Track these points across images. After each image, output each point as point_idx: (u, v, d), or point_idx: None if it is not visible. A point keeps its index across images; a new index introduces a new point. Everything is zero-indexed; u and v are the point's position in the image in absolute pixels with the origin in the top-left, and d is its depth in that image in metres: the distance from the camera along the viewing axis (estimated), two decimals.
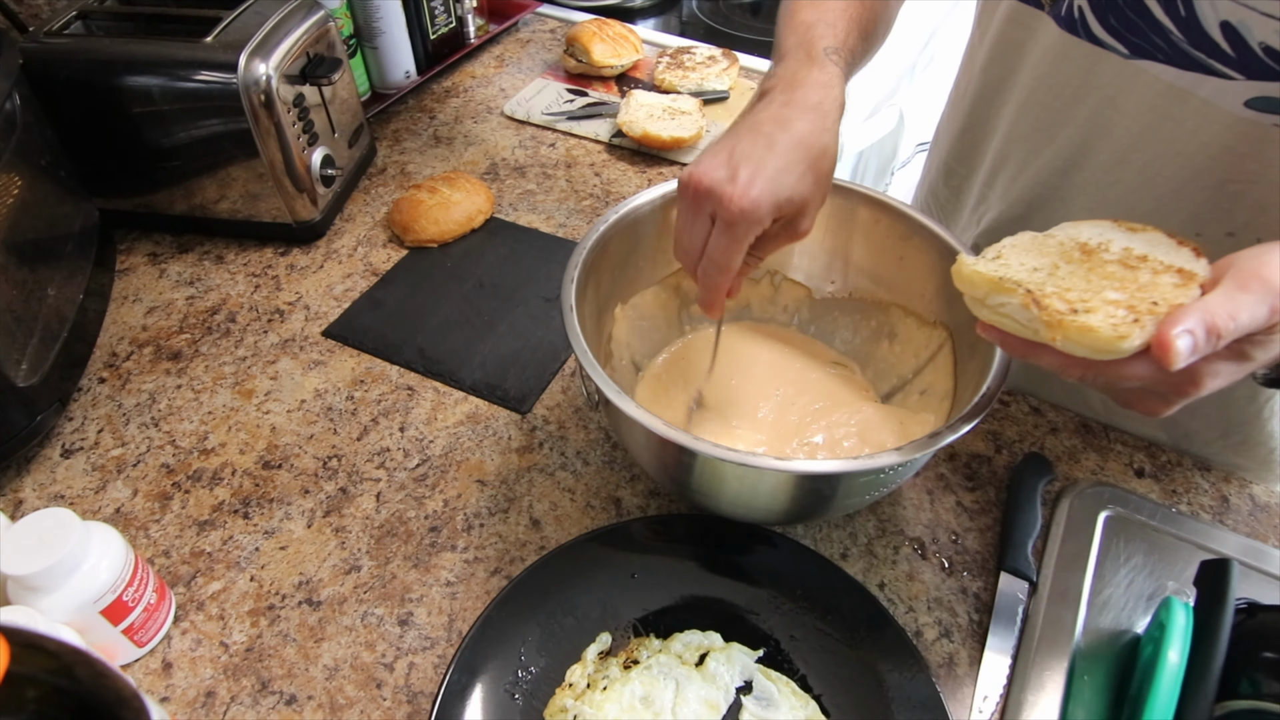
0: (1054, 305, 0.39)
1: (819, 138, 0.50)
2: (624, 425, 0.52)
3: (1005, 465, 0.63)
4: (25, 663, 0.31)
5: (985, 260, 0.44)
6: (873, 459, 0.45)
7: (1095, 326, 0.38)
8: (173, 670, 0.52)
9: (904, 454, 0.44)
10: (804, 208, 0.50)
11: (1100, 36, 0.54)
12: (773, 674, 0.49)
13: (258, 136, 0.74)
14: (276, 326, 0.75)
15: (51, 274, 0.66)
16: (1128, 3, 0.52)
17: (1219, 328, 0.36)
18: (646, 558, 0.55)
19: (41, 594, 0.46)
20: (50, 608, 0.46)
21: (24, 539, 0.47)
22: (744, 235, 0.48)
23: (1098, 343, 0.38)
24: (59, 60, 0.73)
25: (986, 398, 0.47)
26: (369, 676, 0.52)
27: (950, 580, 0.57)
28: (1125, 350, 0.37)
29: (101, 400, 0.68)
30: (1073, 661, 0.52)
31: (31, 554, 0.46)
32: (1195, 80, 0.51)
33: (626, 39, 1.08)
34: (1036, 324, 0.40)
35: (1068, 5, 0.56)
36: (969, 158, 0.73)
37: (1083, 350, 0.39)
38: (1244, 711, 0.44)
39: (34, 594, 0.46)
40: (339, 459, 0.64)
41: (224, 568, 0.57)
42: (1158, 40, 0.51)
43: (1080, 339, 0.38)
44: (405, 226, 0.82)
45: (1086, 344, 0.38)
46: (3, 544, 0.47)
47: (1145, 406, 0.42)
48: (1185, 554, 0.57)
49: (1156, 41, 0.51)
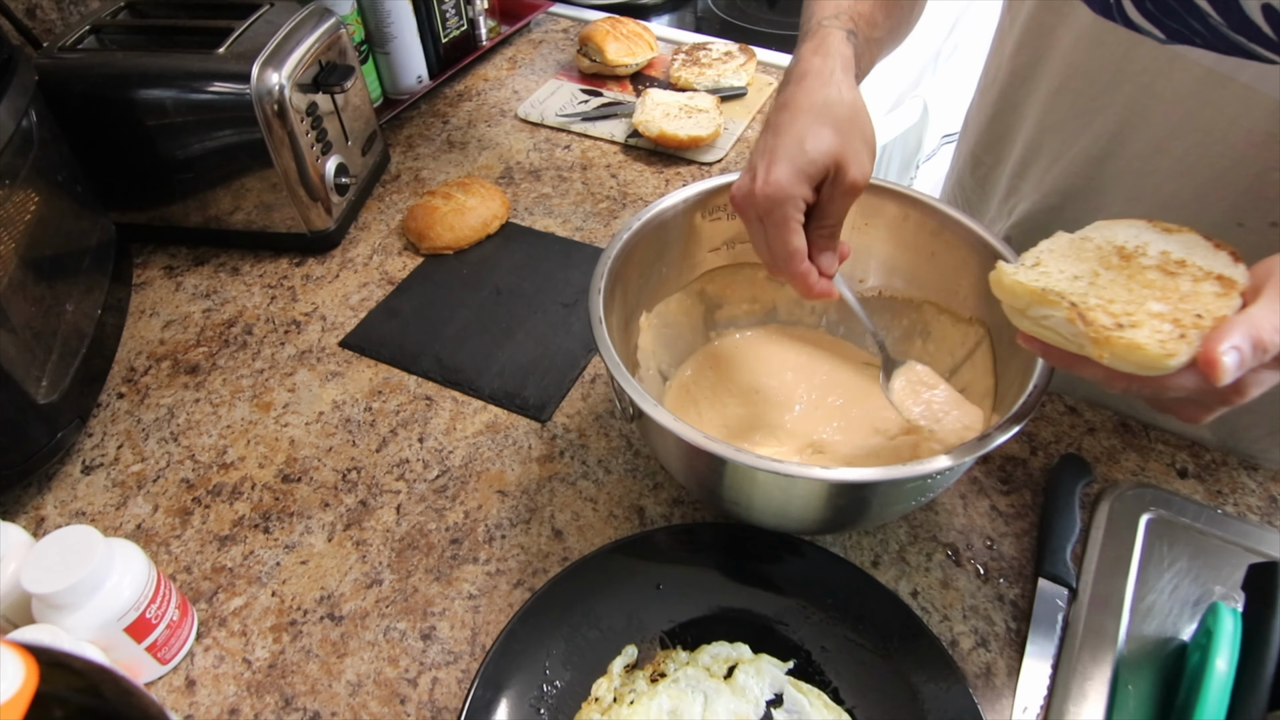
0: (1099, 320, 0.39)
1: (819, 94, 0.51)
2: (658, 437, 0.52)
3: (1041, 467, 0.63)
4: (53, 682, 0.31)
5: (1025, 269, 0.44)
6: (921, 464, 0.44)
7: (1143, 344, 0.38)
8: (196, 688, 0.53)
9: (954, 457, 0.44)
10: (839, 160, 0.50)
11: (1136, 21, 0.54)
12: (804, 686, 0.49)
13: (271, 147, 0.75)
14: (293, 338, 0.75)
15: (69, 289, 0.68)
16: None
17: (1265, 342, 0.36)
18: (672, 568, 0.55)
19: (65, 612, 0.47)
20: (74, 626, 0.47)
21: (47, 557, 0.47)
22: (783, 218, 0.50)
23: (1145, 360, 0.38)
24: (73, 75, 0.74)
25: (1035, 395, 0.46)
26: (392, 692, 0.52)
27: (986, 587, 0.56)
28: (1172, 367, 0.37)
29: (120, 416, 0.69)
30: (1116, 671, 0.51)
31: (55, 572, 0.47)
32: (1236, 65, 0.50)
33: (641, 37, 1.08)
34: (1082, 339, 0.40)
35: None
36: (997, 148, 0.72)
37: (1129, 367, 0.39)
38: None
39: (58, 612, 0.47)
40: (358, 471, 0.64)
41: (245, 583, 0.58)
42: (1195, 24, 0.50)
43: (1128, 356, 0.38)
44: (420, 234, 0.83)
45: (1134, 361, 0.38)
46: (27, 562, 0.47)
47: (1185, 413, 0.42)
48: (1232, 557, 0.56)
49: (1195, 25, 0.51)
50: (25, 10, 0.85)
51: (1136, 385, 0.40)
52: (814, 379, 0.65)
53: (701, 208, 0.61)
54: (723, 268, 0.66)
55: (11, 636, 0.46)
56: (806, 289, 0.52)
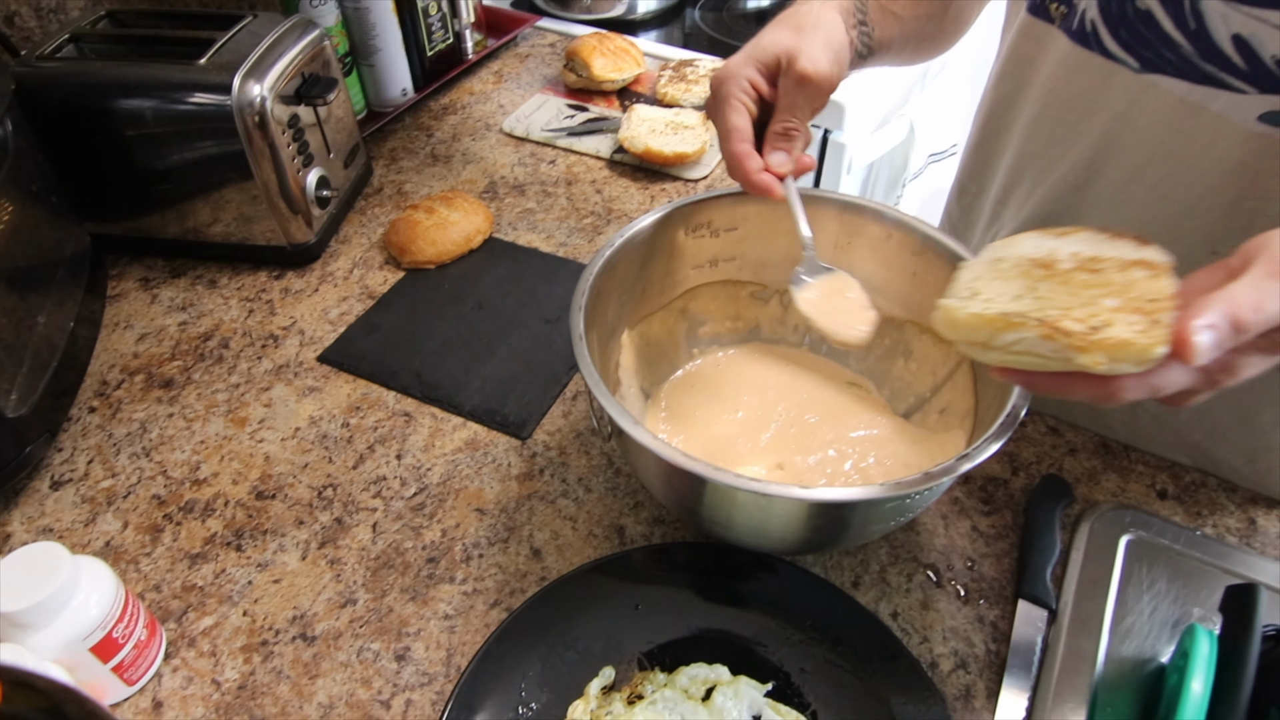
0: (1075, 329, 0.39)
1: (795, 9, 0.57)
2: (638, 455, 0.52)
3: (1022, 488, 0.63)
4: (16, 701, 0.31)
5: (969, 300, 0.43)
6: (900, 484, 0.45)
7: (1130, 339, 0.37)
8: (163, 710, 0.52)
9: (932, 478, 0.44)
10: (790, 51, 0.53)
11: (1112, 50, 0.55)
12: (782, 708, 0.50)
13: (252, 158, 0.76)
14: (270, 352, 0.76)
15: (42, 301, 0.68)
16: (1138, 16, 0.52)
17: (1243, 320, 0.35)
18: (650, 588, 0.55)
19: (30, 631, 0.47)
20: (39, 645, 0.47)
21: (12, 574, 0.47)
22: (725, 95, 0.55)
23: (1136, 354, 0.37)
24: (51, 84, 0.74)
25: (1013, 415, 0.47)
26: (365, 714, 0.52)
27: (966, 609, 0.57)
28: (1160, 355, 0.37)
29: (92, 430, 0.69)
30: (1094, 692, 0.52)
31: (20, 590, 0.47)
32: (1207, 94, 0.51)
33: (628, 53, 1.10)
34: (1065, 352, 0.39)
35: (1079, 19, 0.56)
36: (981, 175, 0.74)
37: (1124, 366, 0.38)
38: None
39: (22, 631, 0.47)
40: (334, 488, 0.64)
41: (216, 602, 0.58)
42: (1168, 54, 0.52)
43: (1120, 354, 0.37)
44: (402, 248, 0.83)
45: (1127, 358, 0.38)
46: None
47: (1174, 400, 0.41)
48: (1211, 579, 0.57)
49: (1168, 55, 0.52)
50: (3, 18, 0.85)
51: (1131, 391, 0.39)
52: (795, 397, 0.66)
53: (685, 224, 0.62)
54: (706, 285, 0.67)
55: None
56: (745, 175, 0.55)
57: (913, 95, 1.41)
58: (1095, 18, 0.55)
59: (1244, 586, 0.49)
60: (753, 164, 0.54)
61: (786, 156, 0.55)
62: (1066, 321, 0.40)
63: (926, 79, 1.45)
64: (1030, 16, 0.61)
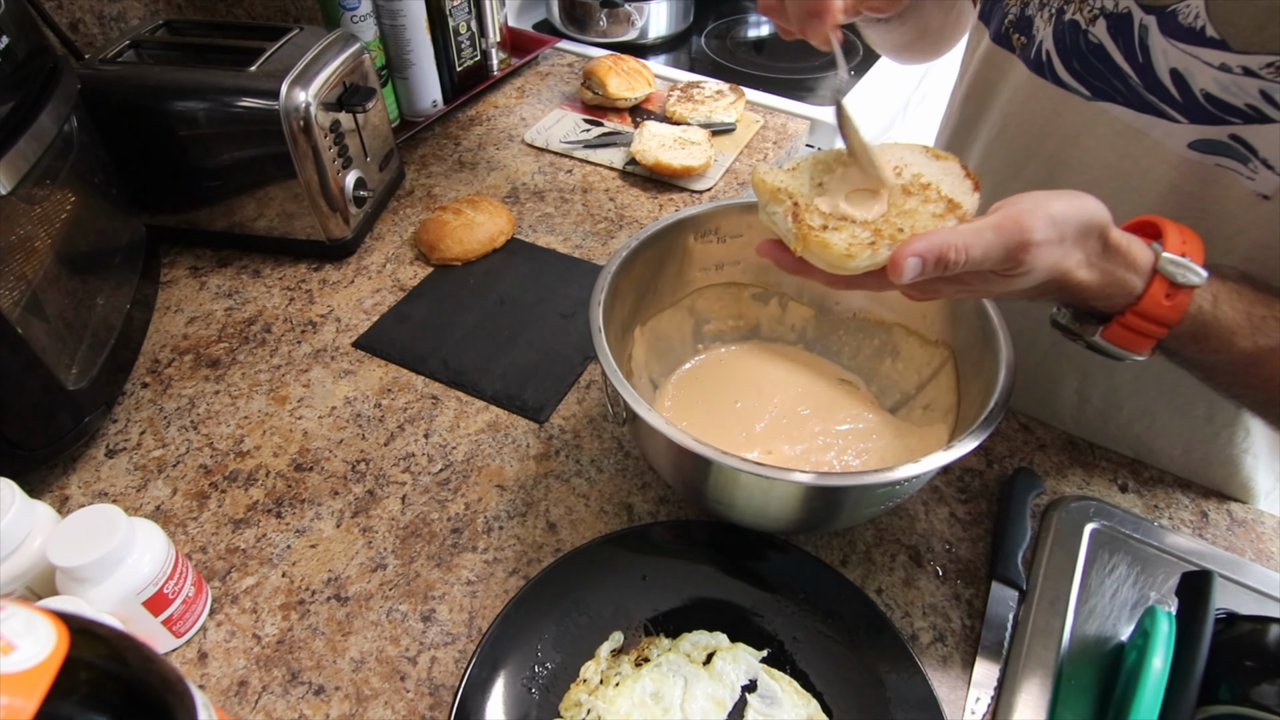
0: (807, 220, 0.41)
1: None
2: (649, 439, 0.52)
3: (996, 479, 0.63)
4: (80, 647, 0.31)
5: (779, 170, 0.45)
6: (890, 472, 0.45)
7: (832, 243, 0.40)
8: (208, 660, 0.52)
9: (921, 466, 0.44)
10: None
11: (1065, 79, 0.55)
12: (776, 674, 0.49)
13: (296, 159, 0.75)
14: (309, 337, 0.75)
15: (101, 285, 0.67)
16: (1091, 49, 0.53)
17: (948, 258, 0.38)
18: (657, 560, 0.55)
19: (89, 585, 0.47)
20: (96, 598, 0.47)
21: (73, 533, 0.47)
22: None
23: (831, 258, 0.40)
24: (113, 86, 0.74)
25: (996, 410, 0.47)
26: (393, 669, 0.52)
27: (944, 587, 0.57)
28: (853, 268, 0.40)
29: (144, 404, 0.69)
30: (1060, 666, 0.52)
31: (80, 547, 0.46)
32: (1148, 122, 0.52)
33: (640, 73, 1.09)
34: (790, 235, 0.42)
35: (1036, 49, 0.56)
36: None
37: (820, 263, 0.41)
38: (1224, 716, 0.44)
39: (81, 585, 0.47)
40: (367, 463, 0.64)
41: (257, 564, 0.57)
42: (1117, 84, 0.52)
43: (819, 253, 0.40)
44: (431, 245, 0.83)
45: (823, 258, 0.41)
46: (53, 537, 0.47)
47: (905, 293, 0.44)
48: (1166, 566, 0.57)
49: (1116, 85, 0.52)
50: (69, 24, 0.85)
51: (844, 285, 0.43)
52: (789, 391, 0.66)
53: (695, 230, 0.62)
54: (711, 286, 0.66)
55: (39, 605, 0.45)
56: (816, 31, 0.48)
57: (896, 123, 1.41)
58: (1050, 49, 0.55)
59: (1199, 573, 0.49)
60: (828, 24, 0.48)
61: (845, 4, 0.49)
62: (813, 213, 0.41)
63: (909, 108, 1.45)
64: (993, 45, 0.61)
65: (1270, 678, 0.44)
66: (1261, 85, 0.45)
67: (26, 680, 0.27)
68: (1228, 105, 0.47)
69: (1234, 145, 0.48)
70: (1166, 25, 0.48)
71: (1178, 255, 0.42)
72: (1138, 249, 0.42)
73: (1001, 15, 0.59)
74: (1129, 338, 0.44)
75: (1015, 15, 0.58)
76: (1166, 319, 0.42)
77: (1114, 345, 0.44)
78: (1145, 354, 0.44)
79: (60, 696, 0.28)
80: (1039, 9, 0.56)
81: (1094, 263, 0.42)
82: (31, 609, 0.31)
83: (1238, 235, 0.51)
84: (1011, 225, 0.39)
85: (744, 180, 0.97)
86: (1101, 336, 0.44)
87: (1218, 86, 0.47)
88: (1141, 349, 0.44)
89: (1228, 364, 0.44)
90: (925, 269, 0.38)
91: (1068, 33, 0.54)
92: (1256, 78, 0.45)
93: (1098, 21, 0.52)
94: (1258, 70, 0.45)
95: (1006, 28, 0.59)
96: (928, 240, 0.38)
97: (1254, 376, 0.44)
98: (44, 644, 0.29)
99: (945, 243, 0.38)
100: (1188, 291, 0.42)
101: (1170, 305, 0.42)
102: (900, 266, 0.38)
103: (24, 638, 0.29)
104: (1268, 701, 0.43)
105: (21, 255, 0.56)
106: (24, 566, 0.47)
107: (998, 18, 0.60)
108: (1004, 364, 0.50)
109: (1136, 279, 0.42)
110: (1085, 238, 0.41)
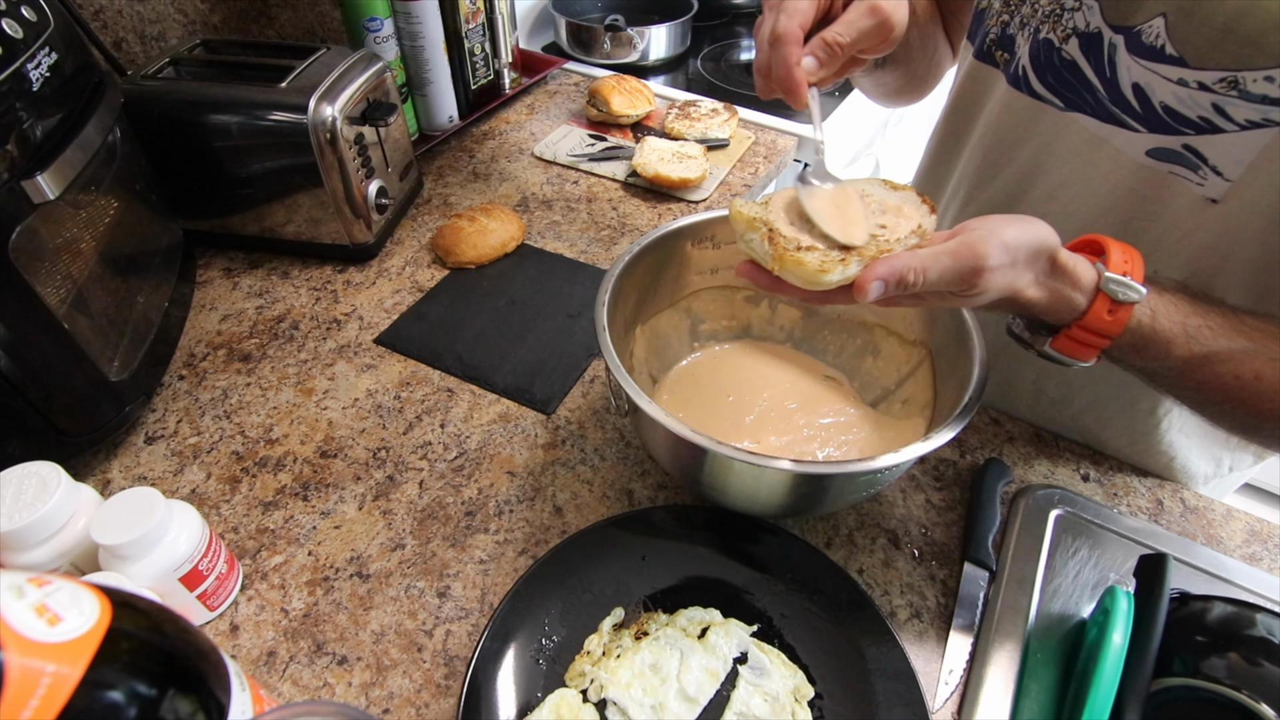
0: (782, 243, 0.42)
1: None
2: (649, 429, 0.52)
3: (969, 468, 0.63)
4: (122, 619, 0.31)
5: (753, 203, 0.45)
6: (873, 460, 0.44)
7: (806, 261, 0.41)
8: (239, 632, 0.52)
9: (901, 456, 0.44)
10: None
11: (1039, 91, 0.55)
12: (766, 647, 0.49)
13: (323, 169, 0.75)
14: (334, 334, 0.75)
15: (141, 284, 0.67)
16: (1064, 65, 0.53)
17: (906, 280, 0.39)
18: (656, 542, 0.55)
19: (129, 562, 0.46)
20: (136, 574, 0.46)
21: (115, 513, 0.47)
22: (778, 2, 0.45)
23: (805, 275, 0.41)
24: (153, 100, 0.73)
25: (970, 405, 0.47)
26: (411, 641, 0.51)
27: (920, 568, 0.56)
28: (826, 283, 0.41)
29: (181, 395, 0.68)
30: (1027, 641, 0.52)
31: (121, 526, 0.46)
32: (1111, 131, 0.52)
33: (641, 92, 1.09)
34: (767, 257, 0.42)
35: (1015, 65, 0.57)
36: (932, 192, 0.73)
37: (796, 280, 0.41)
38: (1177, 687, 0.44)
39: (122, 561, 0.46)
40: (387, 450, 0.64)
41: (285, 543, 0.57)
42: (1087, 96, 0.52)
43: (794, 270, 0.41)
44: (447, 250, 0.83)
45: (798, 275, 0.41)
46: (96, 517, 0.47)
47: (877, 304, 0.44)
48: (1124, 549, 0.57)
49: (1086, 97, 0.53)
50: (113, 43, 0.84)
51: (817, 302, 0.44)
52: (778, 387, 0.65)
53: (693, 237, 0.61)
54: (707, 289, 0.66)
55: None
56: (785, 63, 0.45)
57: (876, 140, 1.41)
58: (1026, 64, 0.55)
59: (1156, 556, 0.49)
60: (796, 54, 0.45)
61: (817, 65, 0.46)
62: (785, 237, 0.42)
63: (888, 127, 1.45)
64: (977, 62, 0.61)
65: (1219, 652, 0.44)
66: (1214, 99, 0.46)
67: (73, 649, 0.27)
68: (1183, 117, 0.48)
69: (1186, 154, 0.49)
70: (1132, 44, 0.48)
71: (1119, 275, 0.42)
72: (1083, 268, 0.42)
73: (984, 34, 0.60)
74: (1075, 348, 0.44)
75: (997, 34, 0.58)
76: (1109, 332, 0.43)
77: (1062, 354, 0.45)
78: (1091, 361, 0.45)
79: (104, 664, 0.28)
80: (1019, 28, 0.56)
81: (1042, 282, 0.42)
82: (76, 583, 0.30)
83: (1185, 238, 0.52)
84: (967, 251, 0.39)
85: (736, 191, 0.97)
86: (1050, 346, 0.45)
87: (1175, 99, 0.47)
88: (1087, 357, 0.44)
89: (1166, 369, 0.45)
90: (887, 290, 0.39)
91: (1042, 49, 0.54)
92: (1210, 92, 0.45)
93: (1070, 40, 0.52)
94: (1211, 85, 0.45)
95: (989, 45, 0.59)
96: (889, 264, 0.39)
97: (1190, 380, 0.45)
98: (88, 616, 0.29)
99: (905, 266, 0.39)
100: (1128, 307, 0.42)
101: (1112, 320, 0.42)
102: (865, 289, 0.39)
103: (70, 610, 0.28)
104: (1216, 674, 0.43)
105: (68, 256, 0.56)
106: (69, 544, 0.47)
107: (980, 36, 0.60)
108: (977, 362, 0.50)
109: (1081, 297, 0.42)
110: (1034, 259, 0.41)
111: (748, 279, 0.44)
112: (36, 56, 0.53)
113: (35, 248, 0.52)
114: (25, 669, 0.26)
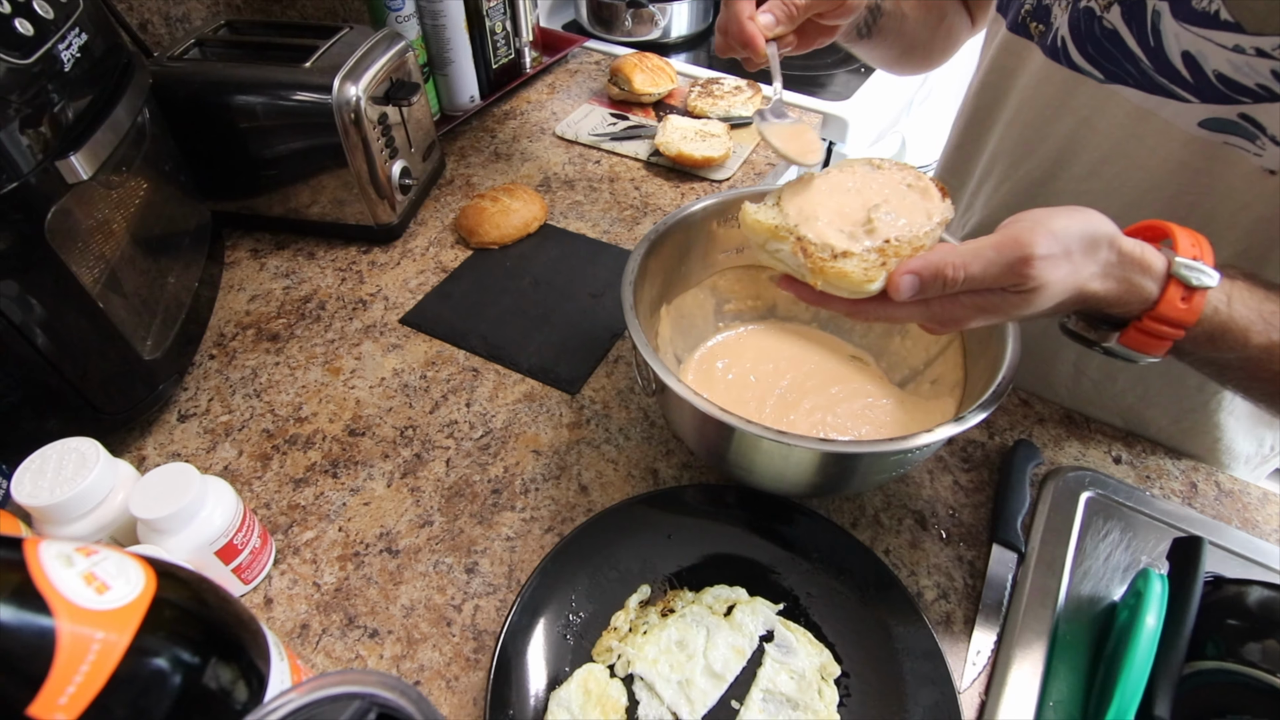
0: (816, 253, 0.40)
1: None
2: (676, 408, 0.52)
3: (997, 450, 0.63)
4: (166, 589, 0.31)
5: (766, 208, 0.44)
6: (904, 440, 0.44)
7: (849, 272, 0.39)
8: (273, 605, 0.53)
9: (933, 436, 0.44)
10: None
11: (1078, 63, 0.54)
12: (792, 625, 0.49)
13: (347, 149, 0.75)
14: (360, 314, 0.75)
15: (171, 265, 0.67)
16: (1105, 34, 0.51)
17: (945, 276, 0.37)
18: (681, 519, 0.55)
19: (166, 535, 0.47)
20: (173, 547, 0.47)
21: (152, 488, 0.48)
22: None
23: (850, 285, 0.39)
24: (180, 81, 0.74)
25: (1003, 386, 0.46)
26: (440, 616, 0.52)
27: (948, 549, 0.56)
28: (872, 291, 0.39)
29: (212, 374, 0.69)
30: (1055, 623, 0.51)
31: (159, 501, 0.47)
32: (1158, 103, 0.50)
33: (663, 70, 1.07)
34: (803, 269, 0.41)
35: (1053, 36, 0.55)
36: (960, 171, 0.72)
37: (841, 291, 0.40)
38: (1210, 670, 0.43)
39: (160, 535, 0.47)
40: (414, 429, 0.64)
41: (316, 519, 0.58)
42: (1129, 67, 0.51)
43: (838, 282, 0.39)
44: (470, 230, 0.83)
45: (843, 286, 0.39)
46: (134, 492, 0.48)
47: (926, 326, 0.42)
48: (1156, 532, 0.56)
49: (1128, 68, 0.51)
50: (139, 25, 0.85)
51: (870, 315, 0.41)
52: (803, 367, 0.65)
53: (719, 215, 0.61)
54: (732, 268, 0.65)
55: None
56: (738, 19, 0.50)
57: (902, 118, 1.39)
58: (1065, 35, 0.54)
59: (1190, 539, 0.48)
60: (748, 9, 0.49)
61: (774, 21, 0.50)
62: (817, 245, 0.41)
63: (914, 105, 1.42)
64: (1011, 34, 0.60)
65: (1254, 636, 0.43)
66: (1273, 65, 0.44)
67: (121, 616, 0.28)
68: (1239, 85, 0.46)
69: (1243, 124, 0.47)
70: (1179, 10, 0.46)
71: (1190, 259, 0.40)
72: (1151, 255, 0.40)
73: (1019, 6, 0.58)
74: (1146, 341, 0.41)
75: (1033, 5, 0.57)
76: (1183, 321, 0.40)
77: (1130, 349, 0.42)
78: (1160, 355, 0.42)
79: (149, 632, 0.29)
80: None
81: (1110, 272, 0.40)
82: (122, 553, 0.31)
83: (1240, 211, 0.50)
84: (1010, 242, 0.37)
85: (760, 170, 0.96)
86: (1118, 342, 0.42)
87: (1230, 67, 0.45)
88: (1157, 351, 0.42)
89: (1241, 360, 0.42)
90: (924, 286, 0.38)
91: (1083, 19, 0.52)
92: (1269, 58, 0.44)
93: (1112, 8, 0.50)
94: (1270, 51, 0.44)
95: (1024, 17, 0.58)
96: (925, 259, 0.38)
97: (1266, 370, 0.42)
98: (135, 584, 0.30)
99: (942, 260, 0.37)
100: (1203, 293, 0.40)
101: (1186, 308, 0.40)
102: (898, 285, 0.38)
103: (116, 579, 0.29)
104: (1251, 658, 0.42)
105: (101, 236, 0.56)
106: (109, 518, 0.48)
107: (1015, 8, 0.59)
108: (1011, 341, 0.49)
109: (1152, 284, 0.40)
110: (1094, 249, 0.39)
111: (791, 292, 0.43)
112: (67, 37, 0.53)
113: (70, 228, 0.52)
114: (76, 635, 0.26)
